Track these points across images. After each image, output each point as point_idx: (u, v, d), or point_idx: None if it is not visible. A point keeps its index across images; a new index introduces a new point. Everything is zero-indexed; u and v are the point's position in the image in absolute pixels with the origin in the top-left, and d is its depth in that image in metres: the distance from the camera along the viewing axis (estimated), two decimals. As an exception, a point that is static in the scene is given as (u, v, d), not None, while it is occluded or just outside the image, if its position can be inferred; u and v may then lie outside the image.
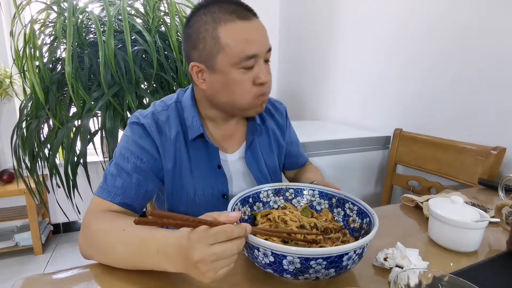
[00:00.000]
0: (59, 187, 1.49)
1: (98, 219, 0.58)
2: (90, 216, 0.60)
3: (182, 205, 0.73)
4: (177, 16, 1.52)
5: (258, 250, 0.47)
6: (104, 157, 1.89)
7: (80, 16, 1.45)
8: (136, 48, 1.50)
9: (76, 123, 1.43)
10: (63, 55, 1.52)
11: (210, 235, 0.41)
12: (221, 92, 0.65)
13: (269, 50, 0.65)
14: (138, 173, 0.65)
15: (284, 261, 0.45)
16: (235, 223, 0.44)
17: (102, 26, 1.37)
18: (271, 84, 0.68)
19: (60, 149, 1.40)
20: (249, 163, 0.77)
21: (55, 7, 1.50)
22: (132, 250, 0.51)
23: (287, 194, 0.71)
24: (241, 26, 0.60)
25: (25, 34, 1.40)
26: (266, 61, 0.66)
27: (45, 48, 1.53)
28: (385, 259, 0.57)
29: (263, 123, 0.83)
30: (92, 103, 1.38)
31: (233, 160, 0.77)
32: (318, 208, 0.69)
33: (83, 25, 1.50)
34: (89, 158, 1.46)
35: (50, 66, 1.52)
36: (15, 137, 1.49)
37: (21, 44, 1.43)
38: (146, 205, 0.69)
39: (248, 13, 0.62)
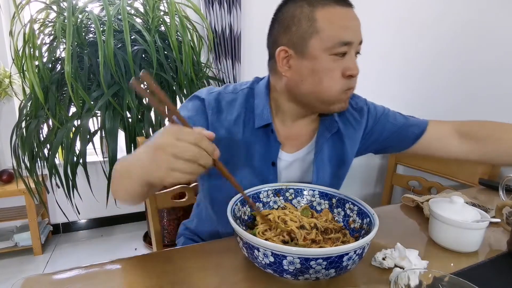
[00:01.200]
0: (58, 187, 1.49)
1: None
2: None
3: (222, 192, 0.69)
4: (177, 16, 1.51)
5: (258, 250, 0.46)
6: (103, 157, 1.89)
7: (80, 16, 1.45)
8: (135, 48, 1.50)
9: (75, 123, 1.43)
10: (63, 54, 1.52)
11: (181, 130, 0.43)
12: (307, 80, 0.62)
13: (361, 42, 0.62)
14: None
15: (284, 262, 0.45)
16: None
17: (101, 26, 1.37)
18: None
19: (59, 149, 1.40)
20: (317, 165, 0.71)
21: (54, 7, 1.50)
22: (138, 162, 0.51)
23: (287, 194, 0.70)
24: (339, 11, 0.59)
25: (24, 34, 1.40)
26: (356, 53, 0.63)
27: (44, 48, 1.53)
28: (383, 259, 0.57)
29: (337, 128, 0.73)
30: (92, 103, 1.38)
31: (288, 160, 0.72)
32: (318, 208, 0.69)
33: (83, 25, 1.50)
34: (89, 158, 1.46)
35: (50, 66, 1.52)
36: (14, 137, 1.49)
37: (20, 44, 1.42)
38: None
39: (345, 1, 0.61)
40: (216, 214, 0.77)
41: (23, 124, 1.46)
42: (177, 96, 1.58)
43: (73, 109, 1.47)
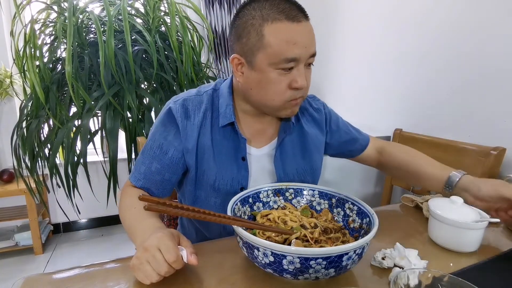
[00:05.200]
0: (59, 186, 1.49)
1: (124, 194, 0.71)
2: (122, 191, 0.73)
3: (202, 189, 0.74)
4: (177, 16, 1.52)
5: (258, 250, 0.47)
6: (104, 157, 1.89)
7: (80, 16, 1.45)
8: (136, 48, 1.50)
9: (76, 123, 1.43)
10: (63, 55, 1.52)
11: (165, 245, 0.48)
12: (255, 89, 0.66)
13: (313, 55, 0.64)
14: (158, 163, 0.71)
15: (284, 261, 0.45)
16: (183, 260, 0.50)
17: (102, 26, 1.37)
18: (308, 89, 0.68)
19: (60, 149, 1.40)
20: (276, 162, 0.75)
21: (55, 7, 1.50)
22: (129, 225, 0.63)
23: (287, 194, 0.71)
24: (288, 27, 0.59)
25: (25, 34, 1.40)
26: (309, 65, 0.65)
27: (45, 48, 1.53)
28: (383, 258, 0.57)
29: (298, 124, 0.80)
30: (92, 103, 1.38)
31: (258, 155, 0.75)
32: (318, 208, 0.69)
33: (83, 25, 1.50)
34: (89, 158, 1.46)
35: (50, 66, 1.53)
36: (15, 136, 1.49)
37: (21, 44, 1.43)
38: (166, 190, 0.74)
39: (299, 14, 0.61)
40: (199, 221, 0.81)
41: (24, 124, 1.46)
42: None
43: (73, 109, 1.47)
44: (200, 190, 0.74)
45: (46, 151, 1.49)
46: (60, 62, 1.54)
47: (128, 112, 1.44)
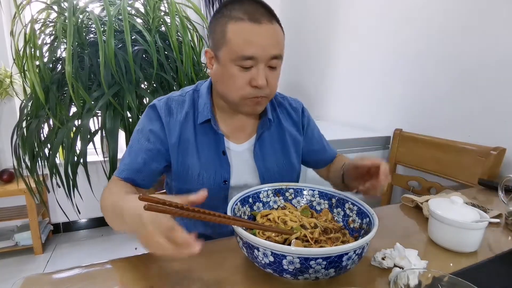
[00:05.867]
0: (59, 186, 1.49)
1: (107, 189, 0.69)
2: (106, 187, 0.71)
3: (187, 183, 0.77)
4: (177, 16, 1.52)
5: (258, 250, 0.47)
6: (104, 157, 1.89)
7: (81, 16, 1.45)
8: (136, 48, 1.50)
9: (76, 123, 1.43)
10: (63, 55, 1.52)
11: (167, 227, 0.44)
12: (219, 82, 0.71)
13: (275, 57, 0.66)
14: (144, 153, 0.73)
15: (284, 261, 0.45)
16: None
17: (102, 26, 1.37)
18: (273, 90, 0.70)
19: (60, 149, 1.40)
20: (256, 157, 0.79)
21: (55, 7, 1.50)
22: (113, 210, 0.60)
23: (287, 194, 0.71)
24: (248, 27, 0.63)
25: (25, 34, 1.40)
26: (272, 67, 0.67)
27: (45, 48, 1.53)
28: (383, 258, 0.57)
29: (278, 121, 0.84)
30: (92, 103, 1.38)
31: (238, 151, 0.79)
32: (318, 208, 0.69)
33: (84, 25, 1.50)
34: (89, 158, 1.46)
35: (50, 65, 1.53)
36: (15, 136, 1.49)
37: (21, 44, 1.43)
38: (151, 180, 0.75)
39: (263, 16, 0.64)
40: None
41: (24, 124, 1.46)
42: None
43: (73, 109, 1.47)
44: (185, 185, 0.77)
45: (46, 151, 1.49)
46: (60, 62, 1.54)
47: (128, 112, 1.44)
